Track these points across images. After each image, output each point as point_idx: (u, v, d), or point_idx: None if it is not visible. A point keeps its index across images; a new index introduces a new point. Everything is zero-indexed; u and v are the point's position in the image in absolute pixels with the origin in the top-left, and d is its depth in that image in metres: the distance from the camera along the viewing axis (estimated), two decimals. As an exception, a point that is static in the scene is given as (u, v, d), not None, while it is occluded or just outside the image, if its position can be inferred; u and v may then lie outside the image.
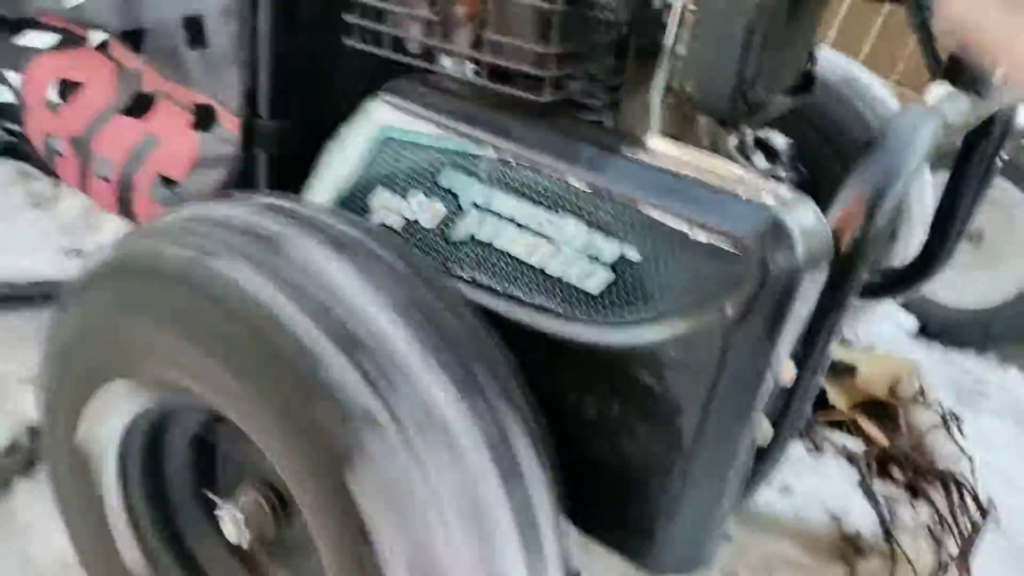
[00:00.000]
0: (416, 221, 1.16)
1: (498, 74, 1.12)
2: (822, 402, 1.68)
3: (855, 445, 1.55)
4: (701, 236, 0.95)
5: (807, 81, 1.26)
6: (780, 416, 1.10)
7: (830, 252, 1.01)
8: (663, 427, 1.03)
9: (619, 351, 1.03)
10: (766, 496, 1.42)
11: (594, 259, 1.03)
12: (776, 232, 0.93)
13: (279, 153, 1.36)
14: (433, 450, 0.89)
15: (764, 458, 1.13)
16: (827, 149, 1.78)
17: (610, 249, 1.01)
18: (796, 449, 1.55)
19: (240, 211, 1.05)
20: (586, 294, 1.04)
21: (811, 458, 1.53)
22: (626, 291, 1.01)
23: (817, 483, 1.47)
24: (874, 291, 1.67)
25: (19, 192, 1.73)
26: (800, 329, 1.02)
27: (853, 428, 1.65)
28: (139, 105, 1.50)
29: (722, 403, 1.00)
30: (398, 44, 1.18)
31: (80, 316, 1.10)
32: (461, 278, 1.12)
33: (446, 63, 1.18)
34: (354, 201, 1.19)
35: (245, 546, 1.13)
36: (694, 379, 0.99)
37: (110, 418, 1.11)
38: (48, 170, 1.75)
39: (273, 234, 0.99)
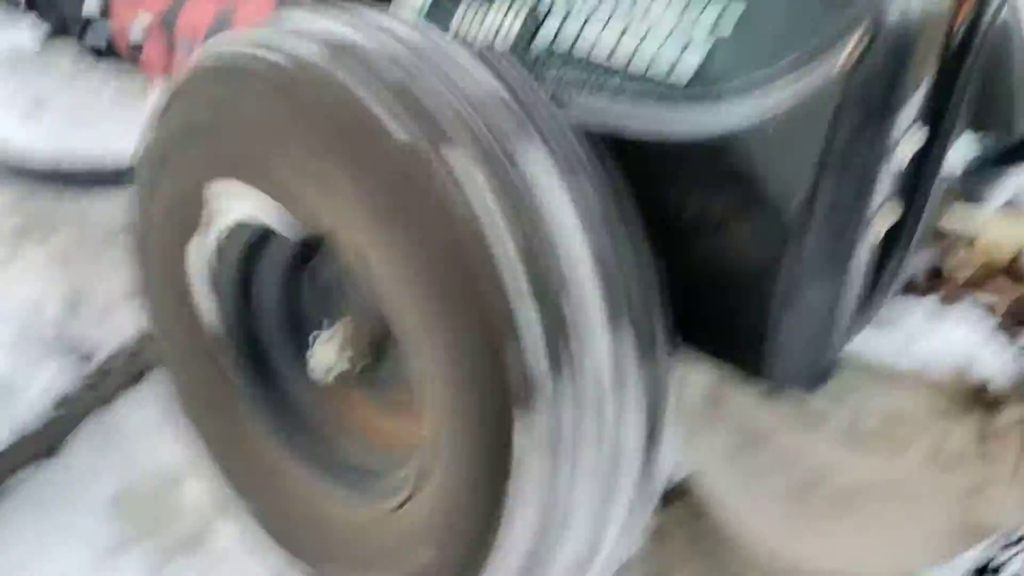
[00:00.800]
0: (496, 33, 1.09)
1: None
2: (936, 275, 1.54)
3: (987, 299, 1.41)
4: (808, -25, 0.85)
5: None
6: (908, 196, 0.98)
7: (948, 9, 0.90)
8: (770, 217, 0.94)
9: (716, 138, 0.94)
10: (889, 347, 1.30)
11: (687, 33, 0.94)
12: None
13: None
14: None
15: (887, 256, 1.02)
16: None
17: (707, 15, 0.93)
18: (923, 304, 1.42)
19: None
20: (678, 79, 0.96)
21: (939, 311, 1.40)
22: (721, 67, 0.92)
23: (944, 336, 1.34)
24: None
25: (110, 89, 1.75)
26: (921, 96, 0.91)
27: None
28: (219, -21, 1.49)
29: (835, 179, 0.90)
30: None
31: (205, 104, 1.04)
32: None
33: None
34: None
35: (332, 376, 1.09)
36: (802, 155, 0.90)
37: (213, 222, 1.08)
38: (137, 65, 1.77)
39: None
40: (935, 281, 1.51)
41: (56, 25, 1.84)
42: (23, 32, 1.91)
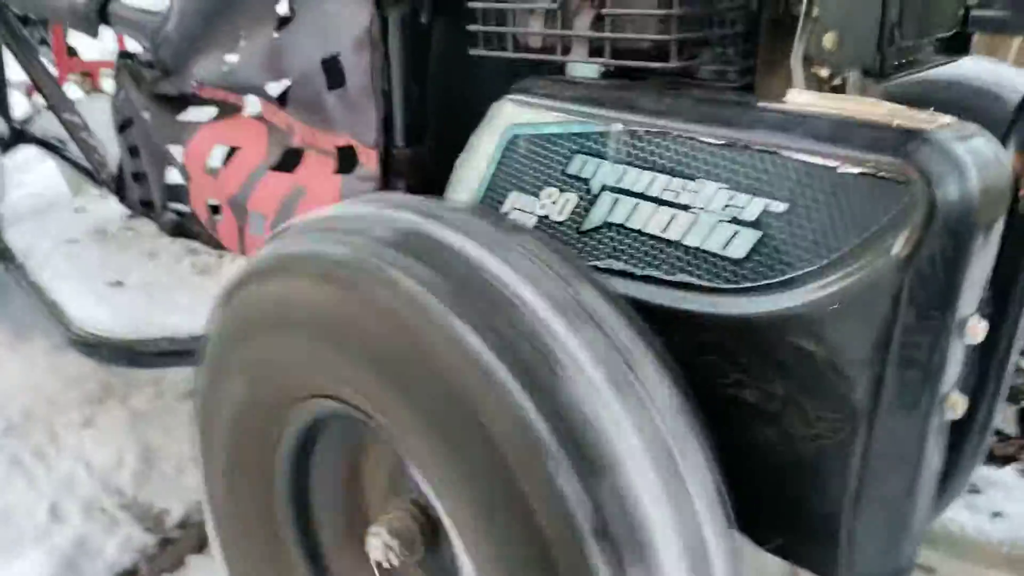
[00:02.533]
0: (547, 216, 1.12)
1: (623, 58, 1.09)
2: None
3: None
4: (852, 167, 0.85)
5: (961, 41, 1.16)
6: (977, 383, 0.94)
7: (1010, 185, 0.88)
8: (834, 402, 0.91)
9: (774, 319, 0.93)
10: (974, 522, 1.23)
11: (736, 220, 0.95)
12: (941, 154, 0.83)
13: (417, 181, 1.37)
14: None
15: (963, 438, 0.97)
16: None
17: (752, 206, 0.93)
18: (1006, 473, 1.35)
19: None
20: (731, 260, 0.96)
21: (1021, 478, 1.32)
22: (775, 249, 0.92)
23: (1035, 506, 1.26)
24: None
25: (186, 264, 1.84)
26: (985, 276, 0.89)
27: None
28: (288, 160, 1.58)
29: (900, 365, 0.87)
30: (520, 45, 1.18)
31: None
32: (596, 267, 1.07)
33: (572, 57, 1.16)
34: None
35: (388, 566, 1.07)
36: (863, 339, 0.87)
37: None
38: (212, 243, 1.86)
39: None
40: (1017, 445, 1.44)
41: (136, 207, 1.96)
42: (109, 210, 2.04)
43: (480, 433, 0.81)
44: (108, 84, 2.86)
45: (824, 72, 1.05)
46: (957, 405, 0.92)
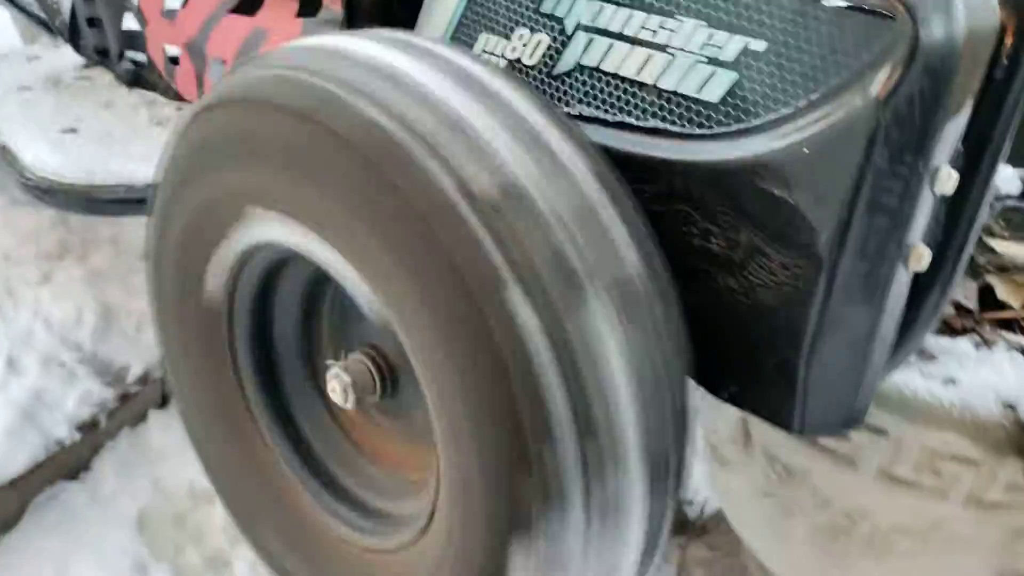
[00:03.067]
0: (519, 60, 1.08)
1: None
2: (991, 300, 1.48)
3: (1027, 339, 1.35)
4: (838, 0, 0.82)
5: None
6: (943, 239, 0.94)
7: (996, 34, 0.86)
8: (799, 250, 0.90)
9: (746, 165, 0.91)
10: (927, 386, 1.24)
11: (713, 61, 0.92)
12: (929, -11, 0.79)
13: (382, 25, 1.31)
14: None
15: (923, 294, 0.97)
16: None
17: (731, 45, 0.90)
18: (961, 343, 1.36)
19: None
20: (705, 104, 0.93)
21: (979, 352, 1.34)
22: (751, 91, 0.89)
23: (987, 375, 1.28)
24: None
25: (143, 115, 1.78)
26: (961, 125, 0.87)
27: (1029, 328, 1.45)
28: (249, 2, 1.50)
29: (868, 212, 0.86)
30: None
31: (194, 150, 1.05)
32: (568, 114, 1.03)
33: None
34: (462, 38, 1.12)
35: (348, 407, 1.07)
36: (834, 185, 0.86)
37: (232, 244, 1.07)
38: (170, 93, 1.79)
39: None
40: (973, 318, 1.46)
41: (92, 55, 1.88)
42: (63, 59, 1.95)
43: (439, 259, 0.79)
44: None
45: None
46: (922, 257, 0.91)
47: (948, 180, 0.88)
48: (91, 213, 1.58)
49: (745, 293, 0.95)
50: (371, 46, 0.92)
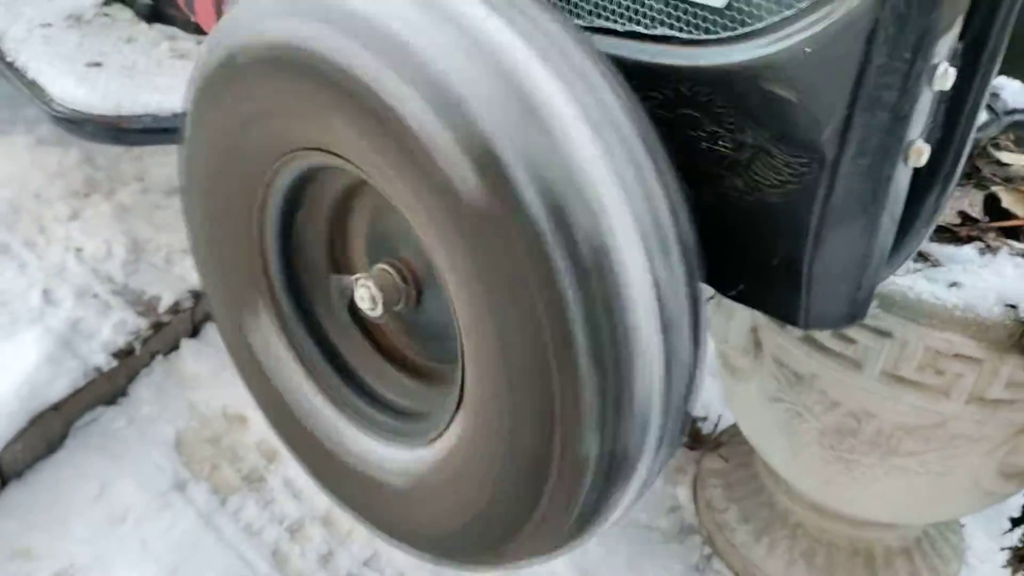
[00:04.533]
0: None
1: None
2: (996, 210, 1.52)
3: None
4: None
5: None
6: (942, 135, 0.97)
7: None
8: (802, 148, 0.93)
9: (750, 67, 0.94)
10: (931, 289, 1.29)
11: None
12: None
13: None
14: None
15: (923, 190, 1.01)
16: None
17: (735, -53, 0.93)
18: (966, 250, 1.40)
19: None
20: (711, 9, 0.96)
21: (983, 258, 1.38)
22: (755, -5, 0.92)
23: (990, 278, 1.32)
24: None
25: (165, 48, 1.82)
26: (958, 23, 0.90)
27: (1034, 236, 1.48)
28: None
29: (868, 108, 0.89)
30: None
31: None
32: (580, 26, 1.06)
33: None
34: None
35: (375, 316, 1.12)
36: (835, 83, 0.89)
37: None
38: (190, 27, 1.83)
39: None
40: (979, 227, 1.49)
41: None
42: (82, -5, 1.99)
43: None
44: None
45: None
46: (921, 153, 0.95)
47: (946, 76, 0.91)
48: (118, 143, 1.63)
49: (751, 192, 0.99)
50: None
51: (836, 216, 0.95)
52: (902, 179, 0.97)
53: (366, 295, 1.11)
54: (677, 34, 1.00)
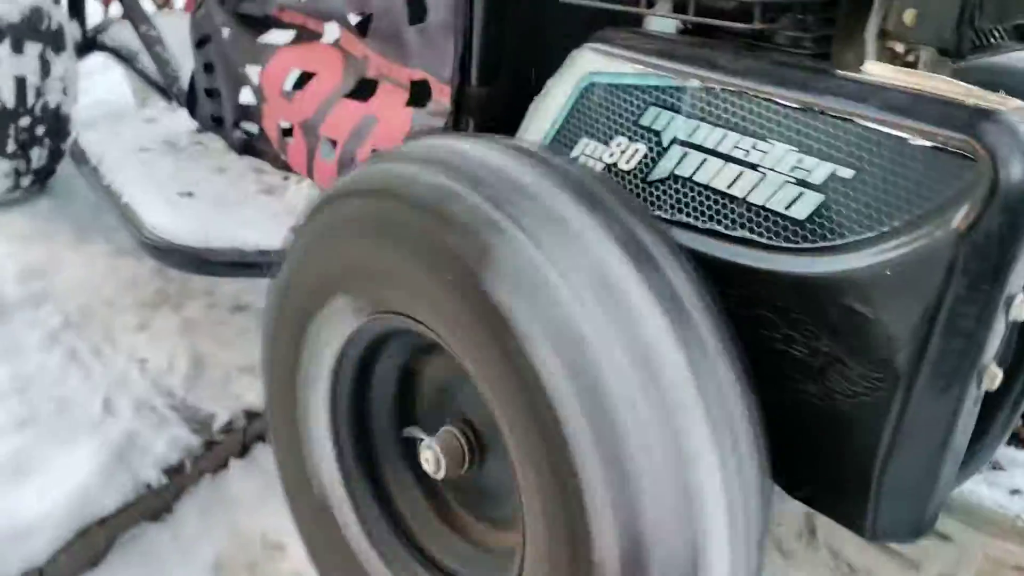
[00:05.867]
0: (615, 164, 1.16)
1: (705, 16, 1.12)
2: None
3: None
4: (923, 140, 0.89)
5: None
6: (1014, 359, 0.99)
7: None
8: (877, 364, 0.96)
9: (829, 280, 0.98)
10: (993, 496, 1.28)
11: (801, 183, 0.99)
12: (1009, 135, 0.86)
13: (487, 120, 1.42)
14: None
15: (994, 410, 1.02)
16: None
17: (820, 170, 0.97)
18: (1028, 454, 1.39)
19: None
20: (792, 220, 1.00)
21: (1046, 461, 1.37)
22: (837, 213, 0.96)
23: (1055, 486, 1.31)
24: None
25: (252, 182, 1.90)
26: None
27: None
28: (362, 89, 1.62)
29: (946, 334, 0.91)
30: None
31: (315, 232, 1.15)
32: (659, 217, 1.11)
33: (656, 10, 1.19)
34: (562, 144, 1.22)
35: (438, 478, 1.14)
36: (914, 306, 0.92)
37: (329, 338, 1.16)
38: (279, 163, 1.92)
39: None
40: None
41: (207, 122, 2.02)
42: (178, 123, 2.10)
43: None
44: (179, 1, 2.91)
45: (899, 47, 1.08)
46: (994, 378, 0.96)
47: (1022, 307, 0.94)
48: (203, 274, 1.70)
49: (823, 399, 1.01)
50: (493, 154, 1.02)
51: (908, 433, 0.96)
52: (974, 400, 0.98)
53: (431, 456, 1.13)
54: (757, 238, 1.04)
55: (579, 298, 0.88)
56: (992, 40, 1.09)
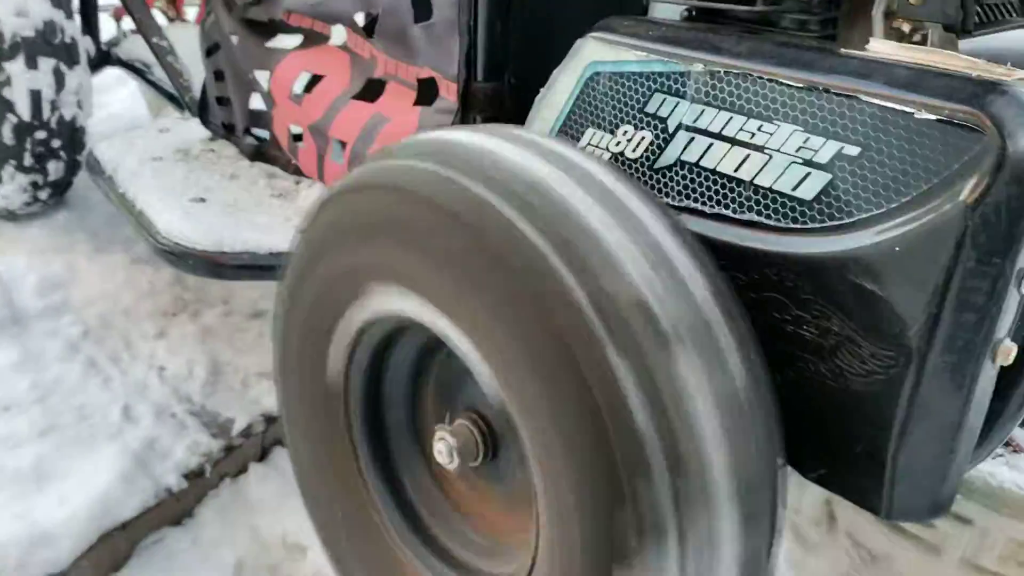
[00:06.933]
0: (621, 153, 1.16)
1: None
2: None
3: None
4: (929, 114, 0.88)
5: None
6: (1029, 334, 0.98)
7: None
8: (889, 342, 0.95)
9: (838, 259, 0.97)
10: (1013, 478, 1.26)
11: (808, 163, 0.99)
12: (1016, 106, 0.86)
13: (494, 114, 1.43)
14: None
15: (1009, 387, 1.01)
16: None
17: (826, 149, 0.97)
18: (1051, 435, 1.38)
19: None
20: (800, 200, 1.00)
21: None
22: (844, 191, 0.96)
23: (1077, 467, 1.29)
24: None
25: (264, 187, 1.92)
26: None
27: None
28: (370, 89, 1.64)
29: (957, 309, 0.91)
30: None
31: (328, 225, 1.15)
32: (667, 204, 1.11)
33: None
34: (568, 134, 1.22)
35: (452, 470, 1.14)
36: (924, 282, 0.91)
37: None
38: (290, 168, 1.94)
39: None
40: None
41: (218, 130, 2.04)
42: (190, 132, 2.13)
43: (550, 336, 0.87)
44: (191, 12, 2.94)
45: (906, 26, 1.08)
46: (1009, 352, 0.95)
47: (1034, 282, 0.93)
48: (216, 277, 1.71)
49: (835, 379, 1.00)
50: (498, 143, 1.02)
51: (922, 410, 0.96)
52: (989, 376, 0.97)
53: (444, 447, 1.13)
54: (765, 221, 1.03)
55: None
56: (1000, 15, 1.08)
